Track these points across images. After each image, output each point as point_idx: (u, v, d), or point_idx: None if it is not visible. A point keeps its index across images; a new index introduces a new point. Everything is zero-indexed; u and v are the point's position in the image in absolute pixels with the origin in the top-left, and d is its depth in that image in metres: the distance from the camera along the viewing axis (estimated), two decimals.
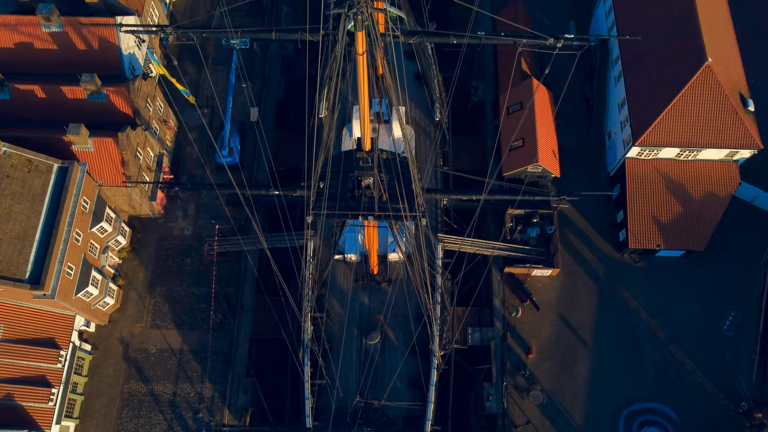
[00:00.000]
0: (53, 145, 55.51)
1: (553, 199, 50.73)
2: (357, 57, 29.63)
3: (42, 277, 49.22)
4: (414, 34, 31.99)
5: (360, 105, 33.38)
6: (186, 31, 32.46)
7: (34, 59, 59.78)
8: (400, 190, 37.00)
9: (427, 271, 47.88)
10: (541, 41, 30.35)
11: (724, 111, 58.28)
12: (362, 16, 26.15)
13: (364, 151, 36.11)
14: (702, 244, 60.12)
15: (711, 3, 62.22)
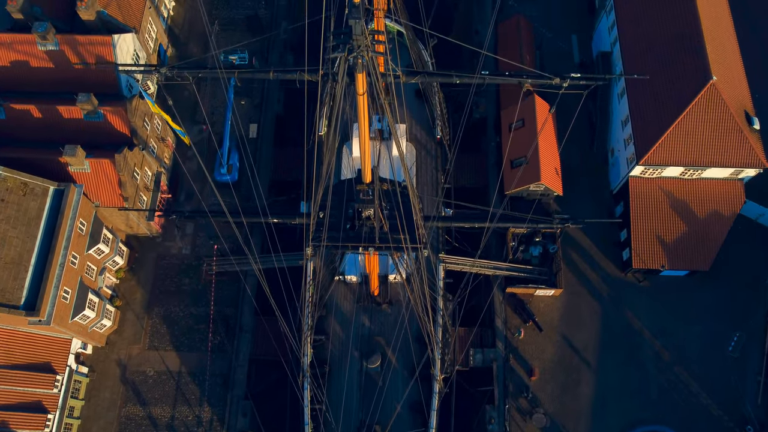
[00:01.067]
0: (49, 166, 54.78)
1: (557, 227, 49.92)
2: (357, 97, 28.87)
3: (37, 303, 48.49)
4: (416, 74, 31.24)
5: (360, 140, 32.61)
6: (181, 71, 31.69)
7: (30, 78, 59.09)
8: (401, 221, 36.26)
9: (427, 294, 47.11)
10: (546, 81, 29.54)
11: (729, 130, 57.52)
12: (362, 60, 25.48)
13: (365, 184, 35.34)
14: (707, 263, 59.32)
15: (715, 19, 61.54)
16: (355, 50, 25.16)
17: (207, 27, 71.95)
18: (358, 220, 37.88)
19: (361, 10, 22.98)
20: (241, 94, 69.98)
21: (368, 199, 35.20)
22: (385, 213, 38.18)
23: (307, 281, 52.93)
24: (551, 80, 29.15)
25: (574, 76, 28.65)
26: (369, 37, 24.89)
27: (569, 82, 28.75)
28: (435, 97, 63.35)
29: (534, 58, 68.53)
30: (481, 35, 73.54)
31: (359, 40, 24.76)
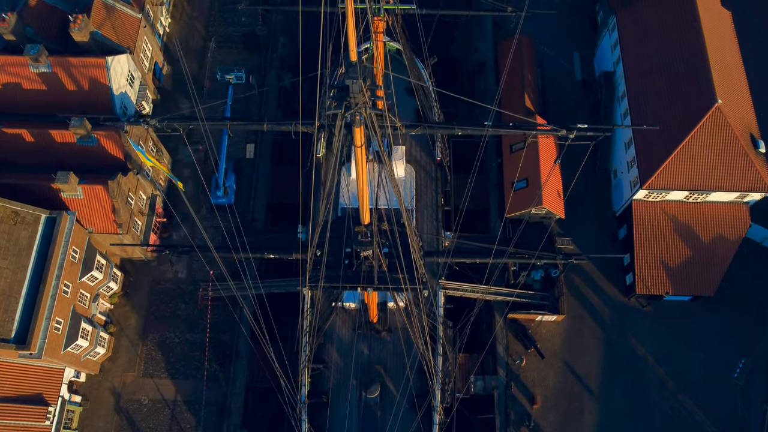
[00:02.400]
0: (42, 192, 53.72)
1: (561, 262, 48.83)
2: (355, 150, 27.80)
3: (28, 336, 47.38)
4: (416, 126, 30.04)
5: (358, 186, 31.50)
6: (171, 122, 30.60)
7: (22, 100, 57.95)
8: (399, 262, 35.19)
9: (426, 327, 46.02)
10: (552, 132, 28.49)
11: (734, 153, 56.52)
12: (360, 116, 24.40)
13: (363, 225, 34.25)
14: (712, 289, 58.27)
15: (720, 39, 60.57)
16: (353, 108, 24.14)
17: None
18: (356, 259, 36.81)
19: (359, 68, 21.94)
20: (237, 113, 68.86)
21: (367, 241, 34.13)
22: (383, 251, 37.10)
23: (305, 311, 51.84)
24: (557, 132, 28.04)
25: (581, 126, 27.54)
26: (368, 92, 23.82)
27: (576, 133, 27.66)
28: (435, 117, 62.23)
29: (536, 77, 67.46)
30: (481, 53, 72.57)
31: (357, 98, 23.73)
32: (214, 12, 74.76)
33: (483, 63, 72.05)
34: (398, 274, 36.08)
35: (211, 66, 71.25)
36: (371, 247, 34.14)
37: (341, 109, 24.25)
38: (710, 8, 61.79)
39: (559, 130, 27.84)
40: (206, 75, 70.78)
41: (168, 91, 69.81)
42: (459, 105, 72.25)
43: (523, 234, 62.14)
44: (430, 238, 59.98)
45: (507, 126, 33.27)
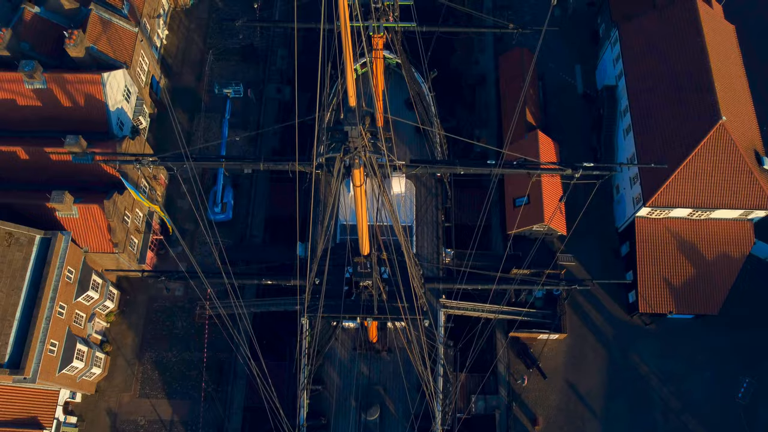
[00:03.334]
0: (36, 211, 52.94)
1: (564, 288, 48.05)
2: (354, 189, 27.05)
3: (22, 360, 46.59)
4: (418, 165, 29.26)
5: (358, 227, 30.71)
6: (164, 162, 29.86)
7: (17, 116, 57.29)
8: (399, 295, 34.42)
9: (425, 346, 45.16)
10: (558, 171, 27.75)
11: (738, 171, 55.81)
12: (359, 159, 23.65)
13: (362, 256, 33.48)
14: (716, 308, 57.53)
15: (724, 54, 59.86)
16: (352, 151, 23.39)
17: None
18: (355, 288, 36.05)
19: (357, 114, 21.17)
20: (236, 127, 68.13)
21: (366, 272, 33.35)
22: (383, 275, 36.33)
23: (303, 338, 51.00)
24: (563, 171, 27.30)
25: (587, 165, 26.82)
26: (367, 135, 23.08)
27: (582, 172, 26.92)
28: (435, 135, 61.41)
29: (537, 91, 66.81)
30: (482, 65, 71.82)
31: (356, 142, 23.00)
32: (212, 24, 74.01)
33: (484, 75, 71.33)
34: (398, 302, 35.32)
35: (209, 79, 70.48)
36: (371, 278, 33.36)
37: (339, 152, 23.53)
38: (713, 22, 61.10)
39: (565, 169, 27.08)
40: (204, 88, 69.99)
41: (165, 104, 69.03)
42: (459, 118, 71.80)
43: (524, 250, 61.61)
44: (430, 255, 59.21)
45: (511, 165, 32.46)
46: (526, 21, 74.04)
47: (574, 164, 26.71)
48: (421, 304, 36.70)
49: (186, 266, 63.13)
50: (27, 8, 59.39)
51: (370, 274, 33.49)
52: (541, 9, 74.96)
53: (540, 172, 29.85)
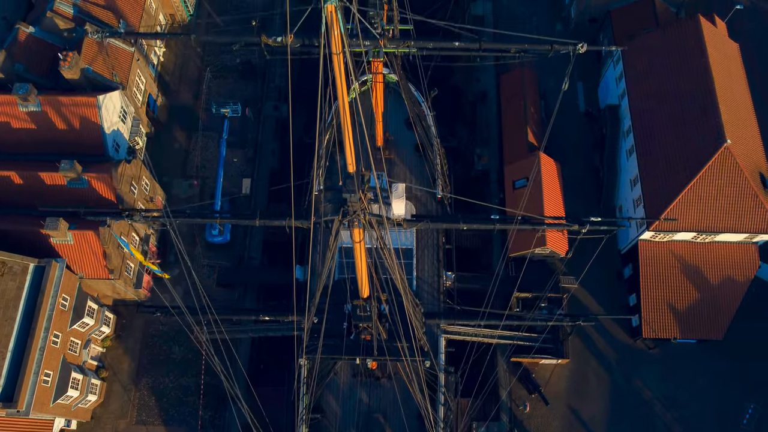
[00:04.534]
0: (31, 237, 52.08)
1: (568, 324, 47.20)
2: (354, 244, 26.24)
3: (15, 393, 45.75)
4: (419, 221, 28.43)
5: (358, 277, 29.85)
6: (156, 219, 29.04)
7: (12, 139, 56.44)
8: (399, 337, 33.60)
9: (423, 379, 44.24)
10: (564, 227, 26.94)
11: (743, 194, 54.96)
12: (358, 222, 22.88)
13: (362, 299, 32.66)
14: (720, 332, 56.76)
15: (728, 74, 59.02)
16: (350, 214, 22.61)
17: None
18: (355, 328, 35.22)
19: (357, 182, 20.38)
20: (234, 146, 67.30)
21: (366, 315, 32.54)
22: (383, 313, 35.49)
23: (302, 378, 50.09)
24: (570, 227, 26.49)
25: (594, 220, 26.03)
26: (366, 198, 22.28)
27: (589, 227, 26.09)
28: (436, 154, 60.58)
29: (539, 110, 65.94)
30: (483, 83, 70.97)
31: (355, 206, 22.22)
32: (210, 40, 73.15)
33: (485, 93, 70.49)
34: (399, 341, 34.50)
35: (207, 97, 69.63)
36: (371, 321, 32.55)
37: (338, 215, 22.75)
38: (717, 41, 60.28)
39: (572, 225, 26.28)
40: (202, 107, 69.16)
41: (162, 123, 68.24)
42: (460, 137, 71.00)
43: (526, 272, 60.82)
44: (431, 278, 58.40)
45: (515, 221, 31.63)
46: None
47: (581, 219, 25.88)
48: (422, 344, 35.89)
49: (183, 290, 62.45)
50: (21, 28, 58.55)
51: (369, 317, 32.69)
52: (543, 28, 74.02)
53: (545, 227, 28.95)
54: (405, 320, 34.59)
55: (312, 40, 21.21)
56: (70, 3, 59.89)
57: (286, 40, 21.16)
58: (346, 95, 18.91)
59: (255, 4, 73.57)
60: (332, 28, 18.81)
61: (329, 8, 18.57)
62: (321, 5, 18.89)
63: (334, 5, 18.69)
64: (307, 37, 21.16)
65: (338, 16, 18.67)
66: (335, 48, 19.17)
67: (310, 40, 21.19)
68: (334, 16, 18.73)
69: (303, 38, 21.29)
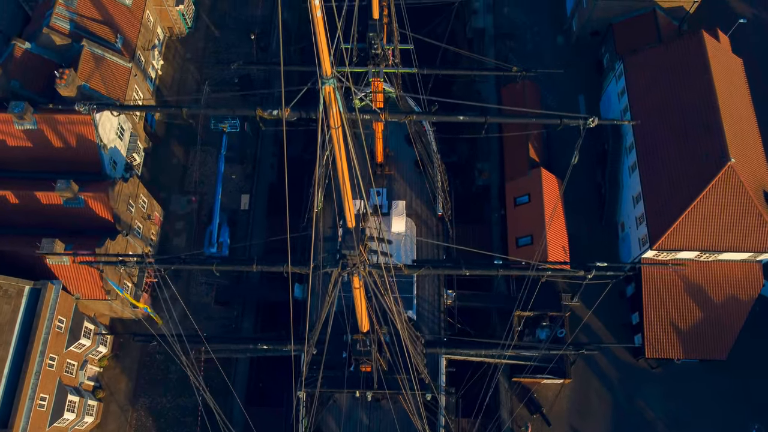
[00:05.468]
0: (27, 258, 51.45)
1: (572, 354, 46.55)
2: (354, 290, 25.63)
3: (10, 418, 45.14)
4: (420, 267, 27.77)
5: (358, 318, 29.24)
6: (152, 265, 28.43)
7: (7, 157, 55.93)
8: (398, 369, 33.01)
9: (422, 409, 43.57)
10: (570, 273, 26.34)
11: (747, 213, 54.30)
12: (358, 274, 22.29)
13: (361, 333, 32.06)
14: (724, 352, 56.09)
15: (732, 91, 58.38)
16: (349, 266, 22.02)
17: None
18: (355, 359, 34.62)
19: (356, 237, 19.75)
20: (232, 161, 66.65)
21: (366, 350, 31.93)
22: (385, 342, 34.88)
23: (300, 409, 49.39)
24: (575, 272, 25.91)
25: (600, 265, 25.42)
26: (366, 250, 21.69)
27: (594, 272, 25.52)
28: (436, 171, 59.93)
29: (540, 125, 65.18)
30: (483, 96, 70.32)
31: (354, 258, 21.64)
32: (208, 53, 72.58)
33: (484, 108, 69.73)
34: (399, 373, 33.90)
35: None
36: (371, 357, 31.95)
37: (337, 267, 22.16)
38: (721, 57, 59.63)
39: (577, 271, 25.68)
40: (200, 121, 68.43)
41: (160, 137, 67.64)
42: (461, 152, 70.39)
43: (527, 290, 60.21)
44: (431, 297, 57.78)
45: (519, 267, 30.99)
46: (529, 50, 72.66)
47: (587, 264, 25.28)
48: (423, 377, 35.31)
49: (180, 309, 61.87)
50: (18, 44, 57.94)
51: (369, 353, 32.10)
52: (543, 37, 73.53)
53: (550, 272, 28.35)
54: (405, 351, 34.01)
55: (309, 113, 20.59)
56: (67, 18, 59.25)
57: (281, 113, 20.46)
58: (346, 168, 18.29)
59: (254, 17, 72.89)
60: (330, 107, 18.26)
61: (327, 90, 18.16)
62: (318, 86, 18.38)
63: (332, 87, 18.18)
64: (304, 110, 20.55)
65: (336, 95, 18.17)
66: (334, 123, 18.62)
67: (307, 113, 20.59)
68: (332, 96, 18.22)
69: (300, 111, 20.68)
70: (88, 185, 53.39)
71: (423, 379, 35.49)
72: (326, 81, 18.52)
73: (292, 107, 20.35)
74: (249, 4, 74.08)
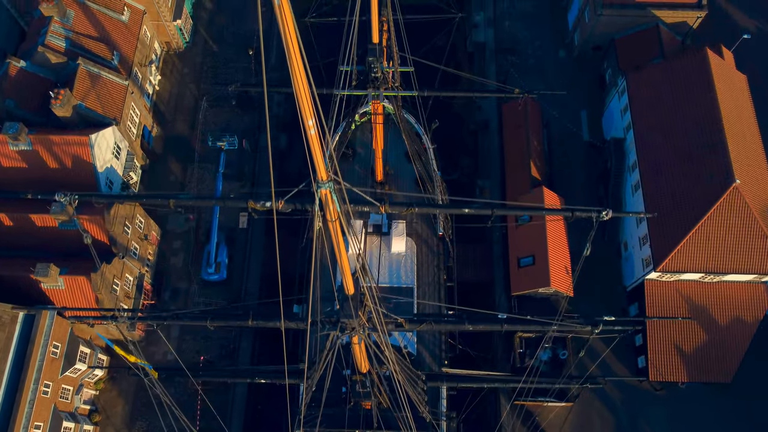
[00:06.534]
0: (22, 282, 50.73)
1: (576, 387, 45.76)
2: (353, 346, 24.91)
3: None
4: (421, 322, 26.99)
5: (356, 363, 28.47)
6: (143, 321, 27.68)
7: (2, 178, 55.02)
8: (397, 407, 32.24)
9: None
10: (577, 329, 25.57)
11: (752, 235, 53.57)
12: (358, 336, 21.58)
13: (360, 374, 31.30)
14: (729, 375, 55.36)
15: (737, 109, 57.63)
16: (348, 329, 21.28)
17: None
18: (354, 397, 33.87)
19: (354, 309, 18.97)
20: (230, 179, 65.89)
21: (366, 391, 31.18)
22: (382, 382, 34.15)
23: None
24: (583, 327, 25.15)
25: (608, 319, 24.66)
26: (365, 315, 20.94)
27: (602, 327, 24.76)
28: (436, 190, 59.15)
29: (541, 141, 64.47)
30: (485, 111, 69.57)
31: (352, 323, 20.90)
32: (206, 68, 71.76)
33: (486, 122, 69.12)
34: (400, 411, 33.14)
35: (203, 127, 68.23)
36: (370, 398, 31.20)
37: (336, 329, 21.43)
38: (725, 74, 58.88)
39: (584, 326, 24.92)
40: (198, 137, 67.76)
41: (158, 154, 66.89)
42: (462, 168, 69.65)
43: (529, 310, 59.40)
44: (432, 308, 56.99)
45: (523, 321, 30.26)
46: (530, 65, 71.87)
47: (595, 319, 24.53)
48: (424, 416, 34.58)
49: (178, 328, 61.18)
50: (12, 63, 57.17)
51: (369, 394, 31.34)
52: (545, 51, 72.73)
53: (555, 328, 27.59)
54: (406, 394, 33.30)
55: (304, 205, 19.88)
56: (63, 36, 58.48)
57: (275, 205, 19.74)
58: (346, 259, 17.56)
59: (253, 32, 72.15)
60: (327, 206, 17.57)
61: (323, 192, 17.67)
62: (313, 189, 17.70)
63: (329, 190, 17.51)
64: (299, 203, 19.83)
65: (333, 197, 17.47)
66: (330, 216, 17.89)
67: (302, 205, 19.87)
68: (329, 197, 17.55)
69: (294, 203, 19.95)
70: (83, 206, 52.54)
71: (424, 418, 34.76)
72: (322, 185, 18.02)
73: (286, 200, 19.59)
74: (247, 18, 73.29)
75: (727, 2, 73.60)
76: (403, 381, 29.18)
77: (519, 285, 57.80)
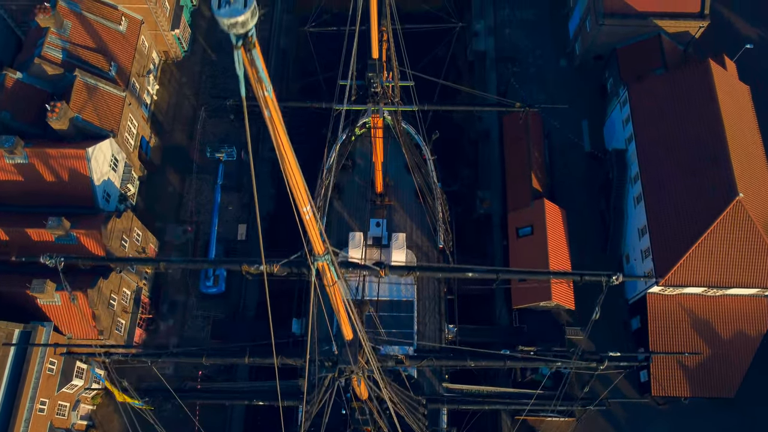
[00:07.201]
0: (18, 297, 50.19)
1: (579, 409, 45.11)
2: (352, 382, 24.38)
3: None
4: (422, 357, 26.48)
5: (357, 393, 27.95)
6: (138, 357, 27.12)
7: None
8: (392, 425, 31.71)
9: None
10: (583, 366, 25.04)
11: (756, 248, 53.06)
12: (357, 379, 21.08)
13: (360, 401, 30.79)
14: (732, 390, 54.83)
15: (740, 121, 57.17)
16: (346, 371, 20.77)
17: None
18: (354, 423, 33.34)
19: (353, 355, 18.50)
20: (229, 190, 65.35)
21: (364, 419, 30.66)
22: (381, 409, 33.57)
23: None
24: (589, 364, 24.64)
25: (613, 355, 24.16)
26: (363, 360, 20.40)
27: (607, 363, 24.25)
28: (436, 202, 58.58)
29: (542, 153, 63.93)
30: (485, 121, 69.06)
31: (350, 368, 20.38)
32: (205, 77, 71.25)
33: (487, 132, 68.61)
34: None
35: (202, 138, 67.68)
36: (369, 425, 30.69)
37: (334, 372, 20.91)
38: (728, 85, 58.37)
39: (590, 363, 24.42)
40: (196, 148, 67.21)
41: (156, 165, 66.35)
42: (462, 179, 69.12)
43: (530, 322, 59.00)
44: (432, 333, 56.45)
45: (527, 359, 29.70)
46: (531, 73, 71.37)
47: (600, 355, 24.02)
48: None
49: (177, 341, 60.65)
50: (8, 74, 56.70)
51: (368, 421, 30.83)
52: (546, 60, 72.21)
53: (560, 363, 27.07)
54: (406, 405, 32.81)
55: (301, 269, 19.38)
56: (60, 48, 57.97)
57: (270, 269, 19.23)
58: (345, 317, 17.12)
59: None
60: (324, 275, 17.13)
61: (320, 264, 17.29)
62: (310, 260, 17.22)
63: (326, 262, 17.05)
64: (295, 266, 19.33)
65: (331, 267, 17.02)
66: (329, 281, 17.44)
67: (299, 269, 19.38)
68: (326, 269, 17.12)
69: (291, 267, 19.45)
70: (80, 221, 52.10)
71: None
72: (319, 258, 17.65)
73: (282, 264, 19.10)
74: None
75: (729, 11, 73.08)
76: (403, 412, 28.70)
77: (520, 298, 57.34)
